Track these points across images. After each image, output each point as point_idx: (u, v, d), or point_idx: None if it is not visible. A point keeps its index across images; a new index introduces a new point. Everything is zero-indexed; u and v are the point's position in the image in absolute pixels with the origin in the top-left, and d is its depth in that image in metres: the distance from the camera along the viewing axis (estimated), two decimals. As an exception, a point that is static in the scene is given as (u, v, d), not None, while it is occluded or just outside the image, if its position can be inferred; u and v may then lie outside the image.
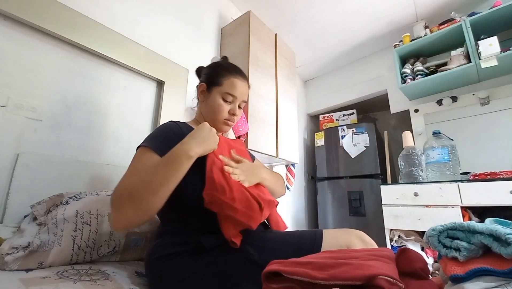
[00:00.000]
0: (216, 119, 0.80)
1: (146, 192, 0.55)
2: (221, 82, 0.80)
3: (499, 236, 0.44)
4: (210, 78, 0.83)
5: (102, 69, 1.22)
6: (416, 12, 2.21)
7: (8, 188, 0.88)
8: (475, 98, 2.04)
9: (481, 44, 1.75)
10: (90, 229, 0.77)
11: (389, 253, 0.52)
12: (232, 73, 0.82)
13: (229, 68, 0.84)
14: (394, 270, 0.44)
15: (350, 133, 2.54)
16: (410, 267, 0.49)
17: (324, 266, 0.43)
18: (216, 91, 0.80)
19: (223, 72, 0.82)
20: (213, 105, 0.80)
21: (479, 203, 1.45)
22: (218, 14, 2.00)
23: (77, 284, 0.58)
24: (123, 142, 1.26)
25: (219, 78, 0.81)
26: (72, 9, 1.11)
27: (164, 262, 0.62)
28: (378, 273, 0.38)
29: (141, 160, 0.66)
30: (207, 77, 0.84)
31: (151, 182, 0.56)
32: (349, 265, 0.42)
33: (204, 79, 0.84)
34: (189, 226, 0.66)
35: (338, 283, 0.39)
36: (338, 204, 2.43)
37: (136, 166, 0.64)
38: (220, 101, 0.79)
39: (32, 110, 0.98)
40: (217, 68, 0.85)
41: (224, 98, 0.79)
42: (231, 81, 0.80)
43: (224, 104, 0.79)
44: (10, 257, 0.65)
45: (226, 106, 0.80)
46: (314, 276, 0.40)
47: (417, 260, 0.50)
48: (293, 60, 2.30)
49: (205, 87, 0.82)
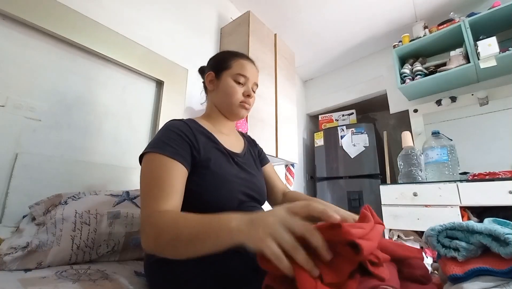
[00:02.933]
0: (232, 103, 0.75)
1: (181, 247, 0.47)
2: (230, 65, 0.76)
3: (498, 236, 0.44)
4: (217, 64, 0.79)
5: (101, 69, 1.22)
6: (415, 12, 2.21)
7: (7, 188, 0.88)
8: (474, 99, 2.04)
9: (480, 44, 1.76)
10: (89, 229, 0.77)
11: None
12: (239, 55, 0.79)
13: (235, 53, 0.81)
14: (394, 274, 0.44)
15: (350, 134, 2.54)
16: (411, 274, 0.49)
17: None
18: (226, 75, 0.76)
19: (230, 56, 0.79)
20: (226, 89, 0.75)
21: (478, 203, 1.46)
22: (217, 14, 2.00)
23: (76, 284, 0.58)
24: (122, 143, 1.25)
25: (227, 62, 0.77)
26: (71, 9, 1.11)
27: (163, 264, 0.61)
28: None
29: (168, 171, 0.58)
30: (214, 65, 0.80)
31: (186, 244, 0.47)
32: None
33: (211, 68, 0.80)
34: None
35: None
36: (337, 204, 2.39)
37: (164, 179, 0.57)
38: (232, 83, 0.75)
39: (31, 110, 0.98)
40: (222, 54, 0.83)
41: (236, 80, 0.75)
42: (240, 63, 0.77)
43: (237, 86, 0.75)
44: (9, 257, 0.65)
45: (240, 88, 0.76)
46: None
47: (418, 267, 0.50)
48: (292, 60, 2.30)
49: (213, 75, 0.78)
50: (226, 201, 0.65)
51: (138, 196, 0.95)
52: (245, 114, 0.79)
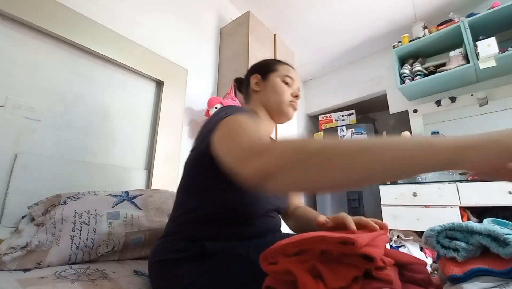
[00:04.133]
0: (282, 101, 0.76)
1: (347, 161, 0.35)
2: (277, 68, 0.79)
3: (497, 236, 0.44)
4: (263, 68, 0.82)
5: (101, 69, 1.22)
6: (415, 13, 2.21)
7: (6, 188, 0.87)
8: (473, 99, 2.04)
9: (479, 45, 1.76)
10: (89, 229, 0.77)
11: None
12: (282, 62, 0.83)
13: (278, 60, 0.85)
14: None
15: (349, 134, 2.54)
16: (412, 278, 0.49)
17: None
18: (274, 76, 0.78)
19: (275, 62, 0.82)
20: (275, 88, 0.77)
21: (477, 203, 1.46)
22: (217, 15, 2.00)
23: (75, 284, 0.58)
24: (122, 143, 1.25)
25: (274, 66, 0.80)
26: (71, 9, 1.11)
27: (165, 266, 0.61)
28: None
29: (251, 124, 0.50)
30: (258, 69, 0.82)
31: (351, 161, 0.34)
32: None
33: (255, 71, 0.82)
34: (199, 233, 0.63)
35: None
36: (337, 205, 2.43)
37: (251, 125, 0.49)
38: (281, 83, 0.77)
39: (30, 110, 0.98)
40: (266, 60, 0.86)
41: (284, 81, 0.78)
42: (285, 67, 0.80)
43: (285, 86, 0.77)
44: (8, 257, 0.65)
45: (288, 88, 0.78)
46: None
47: (420, 272, 0.50)
48: (292, 61, 2.30)
49: (259, 77, 0.80)
50: (253, 209, 0.64)
51: (137, 196, 0.95)
52: (293, 114, 0.79)
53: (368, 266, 0.36)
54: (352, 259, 0.37)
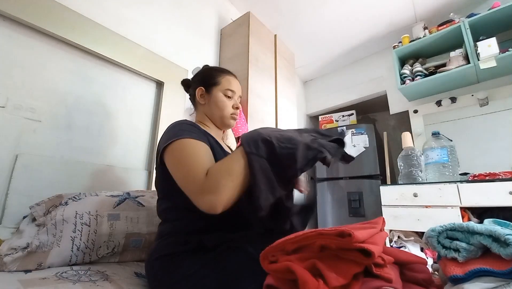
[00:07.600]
0: (224, 116, 0.84)
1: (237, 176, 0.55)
2: (218, 81, 0.85)
3: (498, 236, 0.44)
4: (206, 80, 0.87)
5: (101, 70, 1.22)
6: (415, 13, 2.21)
7: (7, 188, 0.88)
8: (474, 99, 2.04)
9: (480, 45, 1.76)
10: (90, 230, 0.77)
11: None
12: (224, 72, 0.88)
13: (220, 69, 0.90)
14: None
15: (350, 134, 2.54)
16: (413, 277, 0.49)
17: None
18: (216, 90, 0.84)
19: (217, 73, 0.88)
20: (217, 103, 0.83)
21: (478, 204, 1.45)
22: (217, 15, 2.01)
23: (76, 285, 0.58)
24: (123, 143, 1.25)
25: (216, 79, 0.85)
26: (72, 10, 1.11)
27: (164, 261, 0.62)
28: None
29: (198, 148, 0.63)
30: (202, 81, 0.88)
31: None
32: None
33: (200, 83, 0.87)
34: (191, 226, 0.66)
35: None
36: (337, 205, 2.43)
37: (198, 154, 0.62)
38: (223, 98, 0.84)
39: (31, 111, 0.98)
40: (209, 71, 0.91)
41: (226, 94, 0.84)
42: (227, 79, 0.86)
43: (227, 100, 0.84)
44: (9, 257, 0.65)
45: (229, 102, 0.85)
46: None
47: (421, 271, 0.50)
48: (292, 61, 2.30)
49: (204, 90, 0.86)
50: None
51: (139, 196, 0.95)
52: (234, 124, 0.88)
53: (367, 261, 0.36)
54: (351, 254, 0.37)
